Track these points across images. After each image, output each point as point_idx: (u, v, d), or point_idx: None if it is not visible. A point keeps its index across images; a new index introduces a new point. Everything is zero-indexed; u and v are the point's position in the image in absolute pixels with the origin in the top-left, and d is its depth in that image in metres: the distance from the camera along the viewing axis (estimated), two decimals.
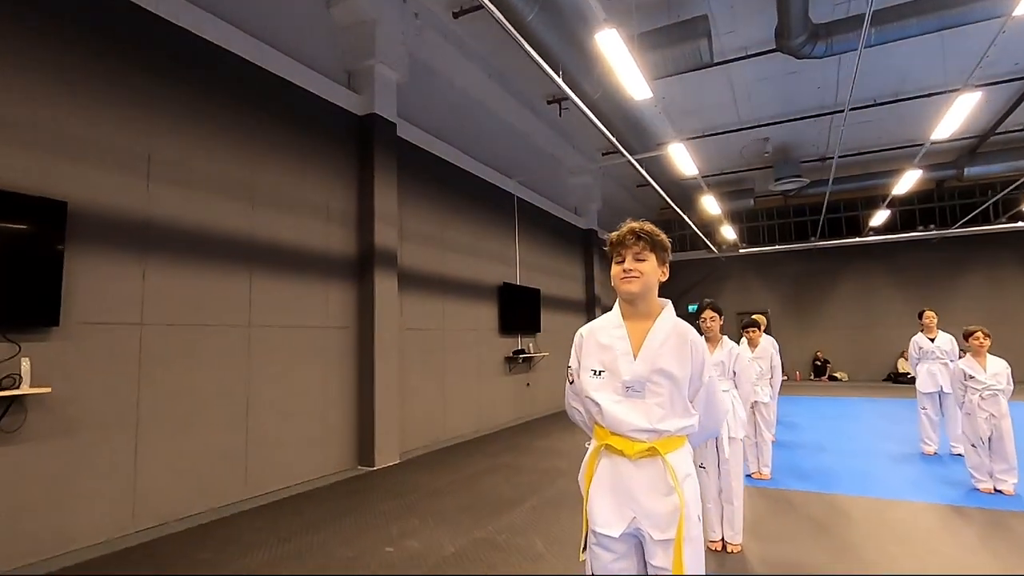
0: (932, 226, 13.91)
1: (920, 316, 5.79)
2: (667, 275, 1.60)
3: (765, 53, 7.33)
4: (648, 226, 1.57)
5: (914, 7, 5.70)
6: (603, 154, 11.25)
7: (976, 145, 11.15)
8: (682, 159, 8.07)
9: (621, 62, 5.27)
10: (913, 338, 5.83)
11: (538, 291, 9.46)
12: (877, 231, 13.86)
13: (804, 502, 4.07)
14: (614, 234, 1.61)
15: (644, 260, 1.54)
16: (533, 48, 5.31)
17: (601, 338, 1.60)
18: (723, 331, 3.34)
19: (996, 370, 4.17)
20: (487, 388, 7.94)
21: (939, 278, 14.11)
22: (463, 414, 7.28)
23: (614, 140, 7.11)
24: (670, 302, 1.62)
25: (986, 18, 5.47)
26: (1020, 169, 10.83)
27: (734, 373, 3.21)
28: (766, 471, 4.70)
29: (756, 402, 4.73)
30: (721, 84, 8.63)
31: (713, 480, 3.13)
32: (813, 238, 14.72)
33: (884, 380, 14.26)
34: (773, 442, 5.81)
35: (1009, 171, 11.11)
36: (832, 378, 14.78)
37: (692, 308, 17.34)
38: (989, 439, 4.15)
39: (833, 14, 6.42)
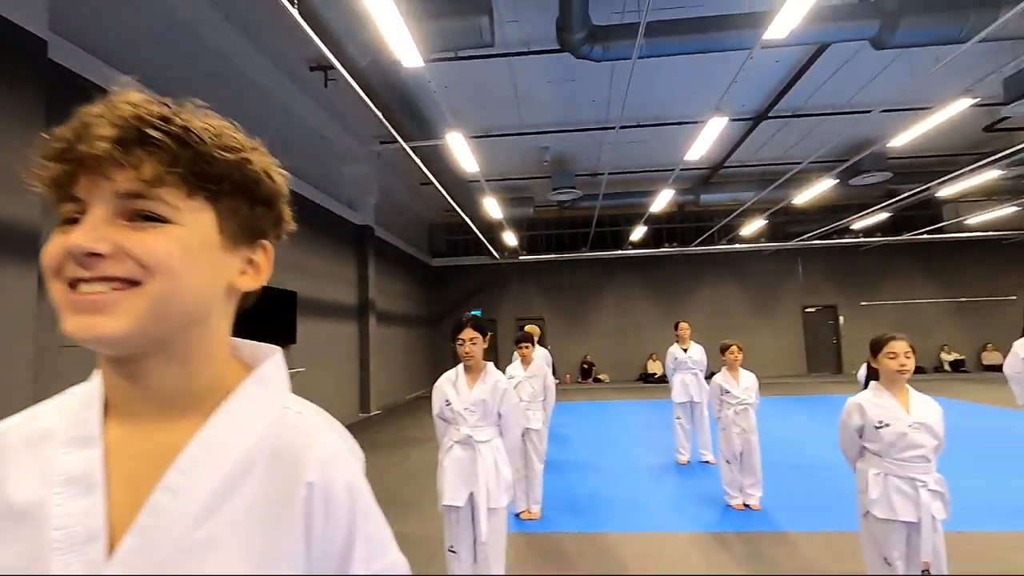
0: (675, 244, 15.93)
1: (676, 327, 5.93)
2: (265, 272, 0.57)
3: (547, 52, 7.07)
4: (147, 108, 0.46)
5: (681, 25, 5.85)
6: (381, 142, 10.08)
7: (709, 176, 12.90)
8: (462, 152, 7.40)
9: (386, 15, 4.24)
10: (669, 349, 5.95)
11: (294, 294, 7.86)
12: (635, 245, 15.33)
13: (576, 548, 3.51)
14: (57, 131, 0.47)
15: (157, 216, 0.46)
16: None
17: (12, 489, 0.48)
18: (490, 354, 2.52)
19: (747, 384, 4.20)
20: None
21: (680, 290, 16.21)
22: None
23: (382, 117, 6.07)
24: (277, 354, 0.58)
25: (737, 48, 5.83)
26: (738, 200, 12.82)
27: (499, 416, 2.39)
28: (536, 509, 4.10)
29: (527, 429, 4.11)
30: (504, 81, 8.22)
31: (466, 567, 2.25)
32: (584, 249, 15.67)
33: (637, 380, 15.83)
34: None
35: (731, 201, 13.10)
36: (596, 380, 15.91)
37: (475, 314, 17.27)
38: (740, 454, 4.14)
39: (610, 20, 6.35)
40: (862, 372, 2.51)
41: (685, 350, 5.83)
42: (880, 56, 7.27)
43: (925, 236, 14.36)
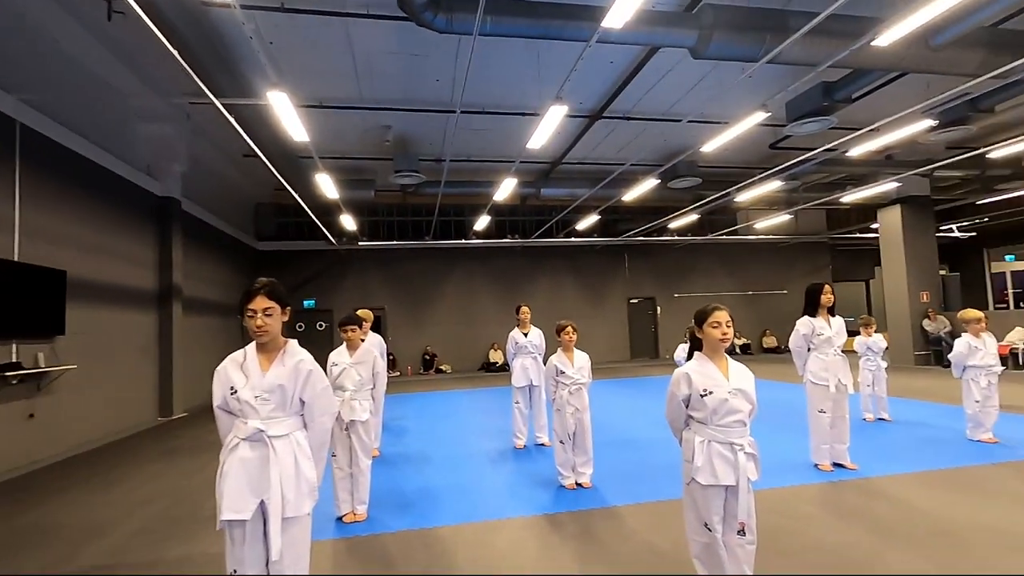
0: (517, 236, 16.32)
1: (517, 311, 5.90)
2: None
3: (389, 19, 6.57)
4: None
5: (524, 7, 5.79)
6: (191, 103, 8.62)
7: (550, 170, 13.36)
8: (288, 118, 6.57)
9: None
10: (510, 333, 5.90)
11: (62, 274, 6.33)
12: (479, 235, 15.37)
13: (403, 548, 3.18)
14: None
15: None
16: None
17: None
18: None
19: (581, 364, 4.24)
20: None
21: (522, 280, 16.65)
22: None
23: (182, 61, 5.08)
24: None
25: (576, 38, 5.94)
26: (574, 195, 13.49)
27: (301, 403, 1.97)
28: (361, 510, 3.68)
29: (353, 421, 3.67)
30: (342, 46, 7.49)
31: None
32: (427, 237, 15.31)
33: (479, 369, 15.93)
34: (376, 457, 4.98)
35: (568, 196, 13.72)
36: (439, 371, 15.68)
37: (309, 304, 15.87)
38: (573, 434, 4.16)
39: None
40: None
41: (525, 334, 5.83)
42: (697, 69, 8.04)
43: (724, 237, 16.60)
